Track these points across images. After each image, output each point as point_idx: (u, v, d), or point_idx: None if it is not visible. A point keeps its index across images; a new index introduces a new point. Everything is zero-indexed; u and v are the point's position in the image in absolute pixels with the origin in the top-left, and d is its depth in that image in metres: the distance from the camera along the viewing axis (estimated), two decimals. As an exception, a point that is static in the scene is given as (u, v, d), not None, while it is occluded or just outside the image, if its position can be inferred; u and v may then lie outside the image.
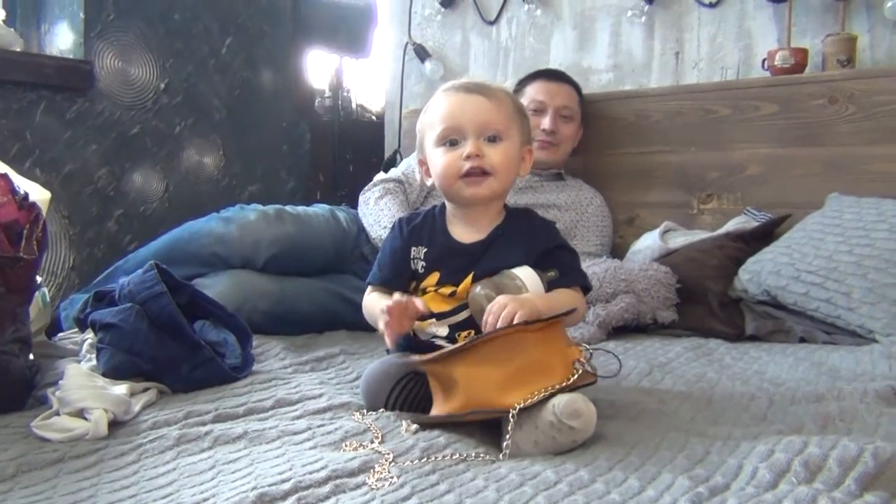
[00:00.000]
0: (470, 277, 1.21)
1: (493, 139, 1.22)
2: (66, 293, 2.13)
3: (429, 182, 1.32)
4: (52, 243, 2.20)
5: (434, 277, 1.24)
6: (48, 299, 1.54)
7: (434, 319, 1.22)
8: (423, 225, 1.30)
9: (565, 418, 0.96)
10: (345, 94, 3.14)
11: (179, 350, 1.24)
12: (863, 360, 1.50)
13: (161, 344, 1.23)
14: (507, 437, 0.98)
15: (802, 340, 1.75)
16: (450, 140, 1.23)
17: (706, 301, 1.85)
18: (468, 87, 1.25)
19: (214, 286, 1.70)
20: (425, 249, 1.26)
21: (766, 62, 2.24)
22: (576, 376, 1.01)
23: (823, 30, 2.22)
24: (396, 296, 1.15)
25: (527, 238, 1.25)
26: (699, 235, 2.11)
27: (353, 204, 2.19)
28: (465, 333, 1.21)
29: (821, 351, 1.63)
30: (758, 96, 2.19)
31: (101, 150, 2.31)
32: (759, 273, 1.85)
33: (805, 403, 1.19)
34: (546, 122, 2.21)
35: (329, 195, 2.92)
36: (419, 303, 1.15)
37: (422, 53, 2.84)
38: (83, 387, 1.04)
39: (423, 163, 1.31)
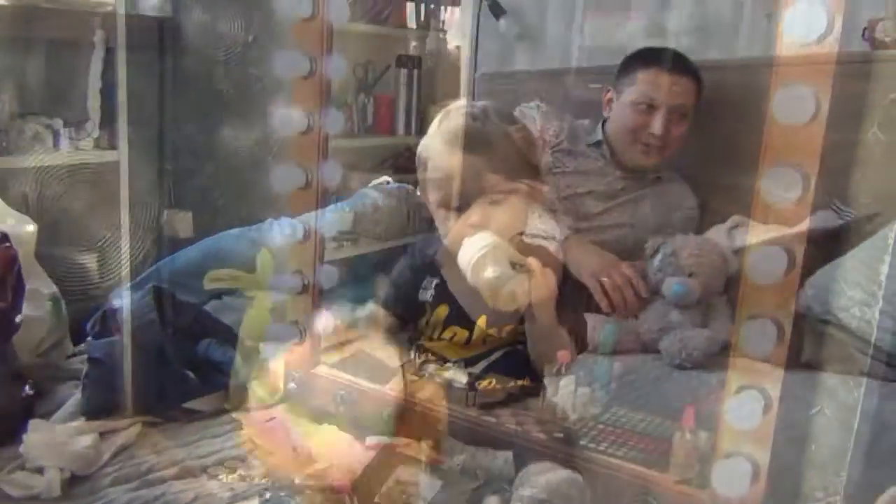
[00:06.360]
0: (484, 319, 1.18)
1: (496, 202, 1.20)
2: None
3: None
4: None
5: (443, 310, 1.23)
6: (64, 312, 1.57)
7: (450, 364, 1.19)
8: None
9: None
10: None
11: (166, 381, 1.26)
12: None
13: (147, 376, 1.25)
14: None
15: (865, 375, 1.56)
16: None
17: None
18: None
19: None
20: (436, 280, 1.26)
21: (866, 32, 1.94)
22: None
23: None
24: None
25: None
26: (772, 233, 1.90)
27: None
28: (485, 382, 1.14)
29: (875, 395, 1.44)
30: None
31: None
32: (824, 289, 1.65)
33: None
34: (657, 126, 1.89)
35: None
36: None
37: (496, 9, 2.66)
38: (40, 443, 1.07)
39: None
